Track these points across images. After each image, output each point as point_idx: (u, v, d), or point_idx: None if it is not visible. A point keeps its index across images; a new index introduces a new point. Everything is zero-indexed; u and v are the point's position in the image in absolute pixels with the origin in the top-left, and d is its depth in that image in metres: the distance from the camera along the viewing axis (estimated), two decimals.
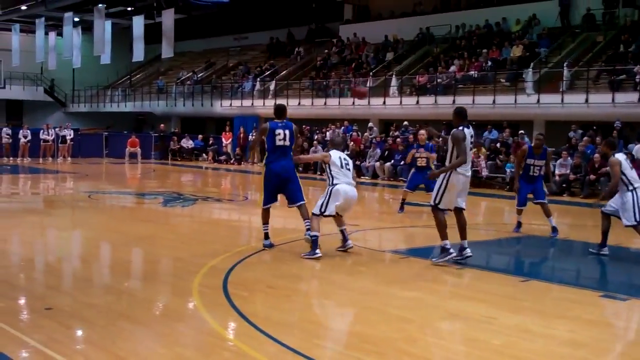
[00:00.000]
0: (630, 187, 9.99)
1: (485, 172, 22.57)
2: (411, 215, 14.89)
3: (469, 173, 9.32)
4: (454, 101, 26.83)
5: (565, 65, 25.04)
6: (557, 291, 8.19)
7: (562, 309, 7.19)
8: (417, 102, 28.32)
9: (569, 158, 20.88)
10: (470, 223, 12.86)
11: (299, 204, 9.78)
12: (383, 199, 20.66)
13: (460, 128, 9.11)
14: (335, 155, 9.92)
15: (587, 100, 23.34)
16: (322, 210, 9.61)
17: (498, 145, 23.52)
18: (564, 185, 20.50)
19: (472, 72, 28.02)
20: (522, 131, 23.38)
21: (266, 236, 10.08)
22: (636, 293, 8.22)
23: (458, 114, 9.25)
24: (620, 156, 10.25)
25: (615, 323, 6.63)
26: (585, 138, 21.81)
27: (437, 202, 9.23)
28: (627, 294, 7.99)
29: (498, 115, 25.08)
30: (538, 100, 24.67)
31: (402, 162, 23.25)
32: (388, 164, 25.25)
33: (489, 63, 28.24)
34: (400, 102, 28.96)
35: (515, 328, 6.39)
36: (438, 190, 9.24)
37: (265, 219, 10.03)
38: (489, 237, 12.32)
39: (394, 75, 30.44)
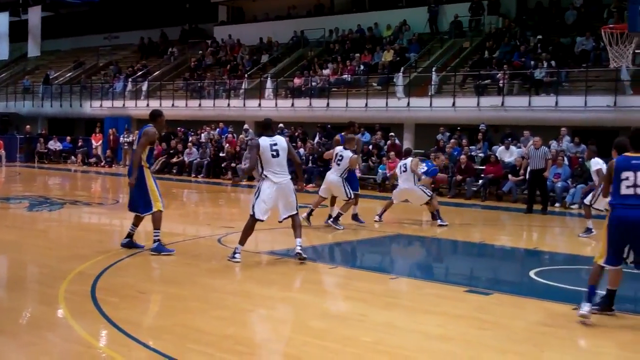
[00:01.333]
0: None
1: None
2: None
3: (281, 179, 9.33)
4: (328, 104, 27.25)
5: (433, 70, 25.93)
6: (426, 287, 8.47)
7: (430, 305, 7.45)
8: (292, 104, 28.53)
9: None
10: (344, 223, 13.13)
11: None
12: None
13: (257, 138, 9.51)
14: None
15: (454, 104, 24.25)
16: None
17: (370, 147, 24.04)
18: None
19: (346, 76, 28.53)
20: (392, 133, 24.01)
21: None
22: (498, 287, 8.65)
23: (260, 125, 9.49)
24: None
25: (480, 316, 6.93)
26: (452, 140, 22.65)
27: (251, 212, 9.31)
28: (491, 288, 8.39)
29: (370, 118, 25.63)
30: (408, 104, 25.40)
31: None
32: None
33: (362, 67, 28.84)
34: (276, 104, 29.07)
35: (386, 324, 6.55)
36: (252, 199, 9.37)
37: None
38: (361, 237, 12.57)
39: (269, 78, 30.52)
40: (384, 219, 14.10)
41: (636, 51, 22.24)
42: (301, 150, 24.29)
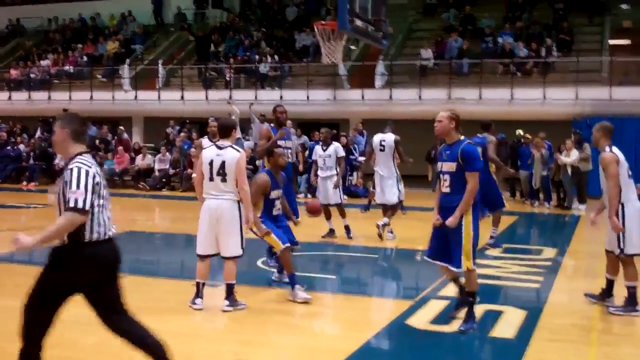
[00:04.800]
0: None
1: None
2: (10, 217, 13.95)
3: None
4: (49, 97, 25.81)
5: (160, 62, 25.67)
6: (155, 285, 8.37)
7: (159, 302, 7.36)
8: (10, 97, 26.58)
9: (167, 154, 21.40)
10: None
11: None
12: None
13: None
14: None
15: (182, 97, 24.22)
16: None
17: (97, 142, 23.19)
18: (164, 180, 21.01)
19: (67, 67, 27.22)
20: (121, 127, 23.39)
21: None
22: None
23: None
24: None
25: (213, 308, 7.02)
26: (182, 134, 22.56)
27: None
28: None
29: (96, 111, 24.72)
30: (136, 97, 24.90)
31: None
32: None
33: (85, 58, 27.71)
34: None
35: None
36: None
37: None
38: None
39: None
40: None
41: (351, 47, 23.99)
42: (21, 147, 22.75)
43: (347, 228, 11.61)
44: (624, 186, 6.98)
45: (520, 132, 18.64)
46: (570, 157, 16.56)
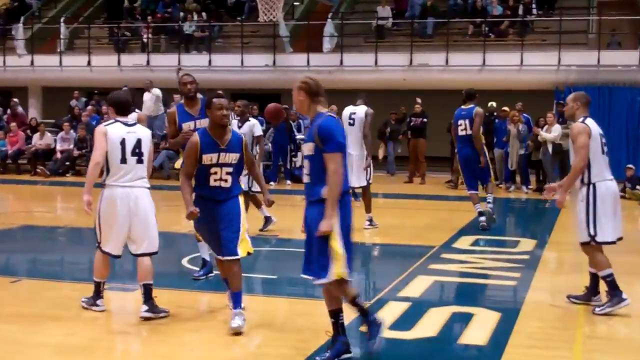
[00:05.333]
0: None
1: None
2: None
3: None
4: None
5: (62, 21, 25.22)
6: (57, 289, 8.27)
7: (62, 309, 7.27)
8: None
9: (71, 131, 21.08)
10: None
11: None
12: None
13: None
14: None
15: (89, 63, 23.85)
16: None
17: None
18: (67, 163, 20.70)
19: None
20: (15, 99, 22.97)
21: None
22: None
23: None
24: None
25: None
26: (89, 107, 22.23)
27: None
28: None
29: None
30: (32, 63, 24.46)
31: None
32: None
33: None
34: None
35: (4, 340, 6.29)
36: None
37: None
38: None
39: None
40: None
41: (295, 3, 23.96)
42: None
43: (267, 219, 11.59)
44: (595, 163, 7.15)
45: (493, 104, 18.87)
46: (552, 132, 16.84)
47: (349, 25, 23.58)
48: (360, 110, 11.85)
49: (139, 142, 6.89)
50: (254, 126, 11.35)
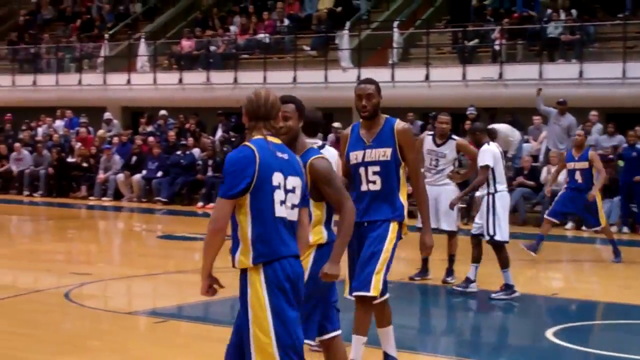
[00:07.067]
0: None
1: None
2: None
3: None
4: (235, 79, 26.86)
5: (395, 26, 25.86)
6: None
7: None
8: (181, 80, 28.06)
9: None
10: None
11: None
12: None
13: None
14: None
15: (427, 78, 24.19)
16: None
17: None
18: None
19: (262, 35, 28.19)
20: (336, 124, 23.80)
21: None
22: None
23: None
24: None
25: None
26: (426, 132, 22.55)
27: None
28: None
29: (302, 97, 25.36)
30: (358, 77, 25.25)
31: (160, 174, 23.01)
32: (138, 176, 24.60)
33: (286, 22, 28.66)
34: (154, 80, 28.60)
35: None
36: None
37: None
38: None
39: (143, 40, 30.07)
40: None
41: None
42: (195, 151, 23.82)
43: None
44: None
45: None
46: None
47: None
48: None
49: None
50: None
